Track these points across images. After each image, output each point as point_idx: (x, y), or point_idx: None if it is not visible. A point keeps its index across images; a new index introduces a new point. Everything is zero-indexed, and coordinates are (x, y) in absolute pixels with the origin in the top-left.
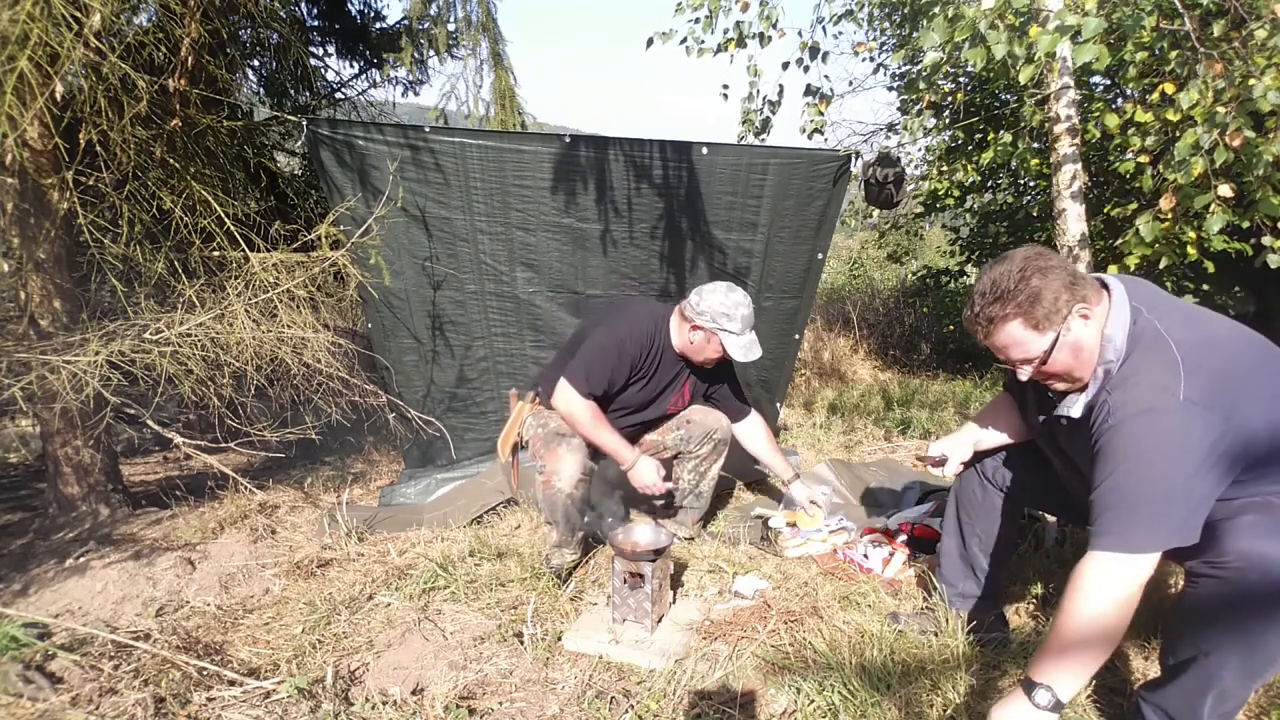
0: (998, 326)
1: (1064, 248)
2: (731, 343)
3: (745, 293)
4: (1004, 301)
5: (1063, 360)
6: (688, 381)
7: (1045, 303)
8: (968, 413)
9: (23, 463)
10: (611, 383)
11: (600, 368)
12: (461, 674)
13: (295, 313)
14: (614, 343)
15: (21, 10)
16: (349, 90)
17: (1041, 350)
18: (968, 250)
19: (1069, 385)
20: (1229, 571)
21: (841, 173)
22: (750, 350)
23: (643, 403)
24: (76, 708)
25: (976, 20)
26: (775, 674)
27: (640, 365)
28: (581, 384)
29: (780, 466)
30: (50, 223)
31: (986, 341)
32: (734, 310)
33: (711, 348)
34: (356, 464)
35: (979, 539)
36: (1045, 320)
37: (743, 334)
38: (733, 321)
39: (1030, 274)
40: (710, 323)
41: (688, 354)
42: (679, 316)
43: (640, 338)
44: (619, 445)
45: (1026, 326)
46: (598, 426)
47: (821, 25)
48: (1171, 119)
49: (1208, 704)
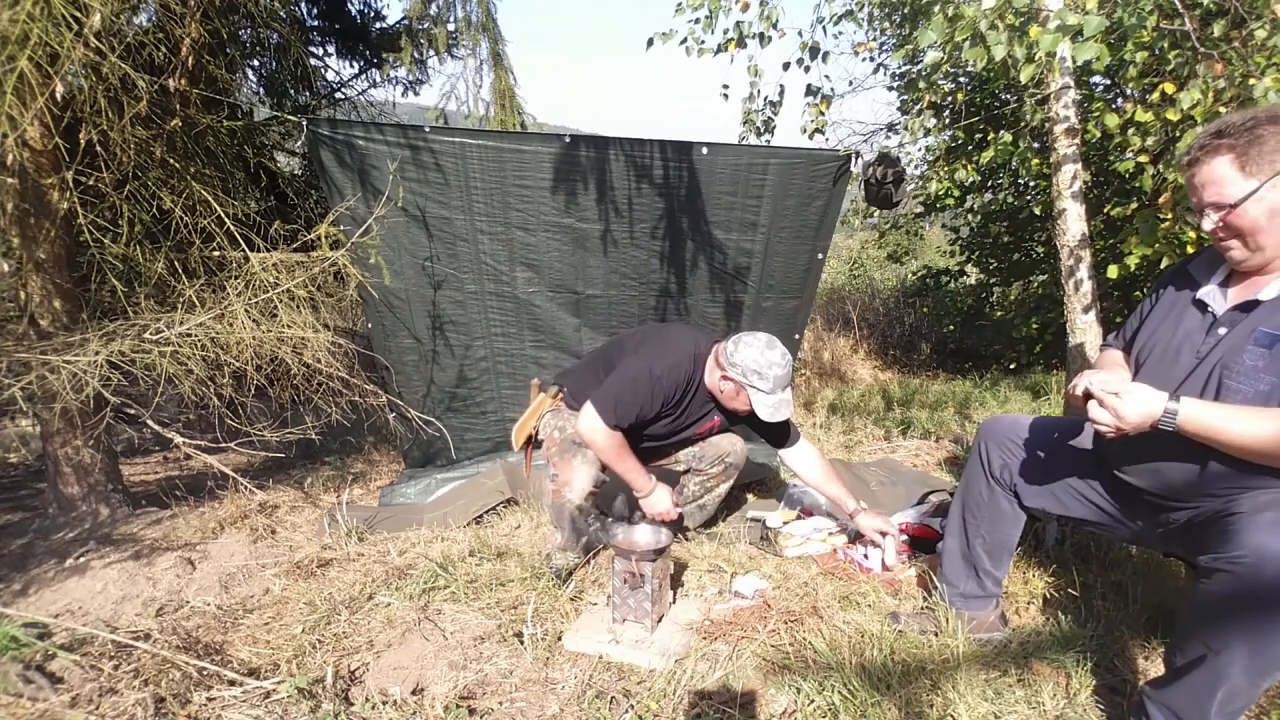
0: (1208, 157)
1: (1064, 248)
2: (760, 401)
3: (785, 351)
4: (1223, 135)
5: (1252, 217)
6: (718, 417)
7: (1264, 146)
8: (968, 413)
9: (23, 463)
10: (640, 415)
11: (630, 402)
12: (461, 674)
13: (295, 313)
14: (649, 378)
15: (21, 10)
16: (349, 90)
17: (1238, 195)
18: (968, 250)
19: (1245, 254)
20: (1243, 567)
21: (841, 173)
22: (779, 411)
23: (669, 434)
24: (76, 708)
25: (976, 20)
26: (775, 674)
27: (671, 402)
28: (610, 415)
29: (841, 496)
30: (50, 223)
31: (1190, 175)
32: (767, 370)
33: (740, 401)
34: (356, 464)
35: (983, 539)
36: (1255, 164)
37: (773, 393)
38: (764, 380)
39: (1262, 121)
40: (740, 376)
41: (718, 399)
42: (714, 359)
43: (676, 376)
44: (637, 475)
45: (1235, 164)
46: (619, 458)
47: (821, 25)
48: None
49: (1215, 703)
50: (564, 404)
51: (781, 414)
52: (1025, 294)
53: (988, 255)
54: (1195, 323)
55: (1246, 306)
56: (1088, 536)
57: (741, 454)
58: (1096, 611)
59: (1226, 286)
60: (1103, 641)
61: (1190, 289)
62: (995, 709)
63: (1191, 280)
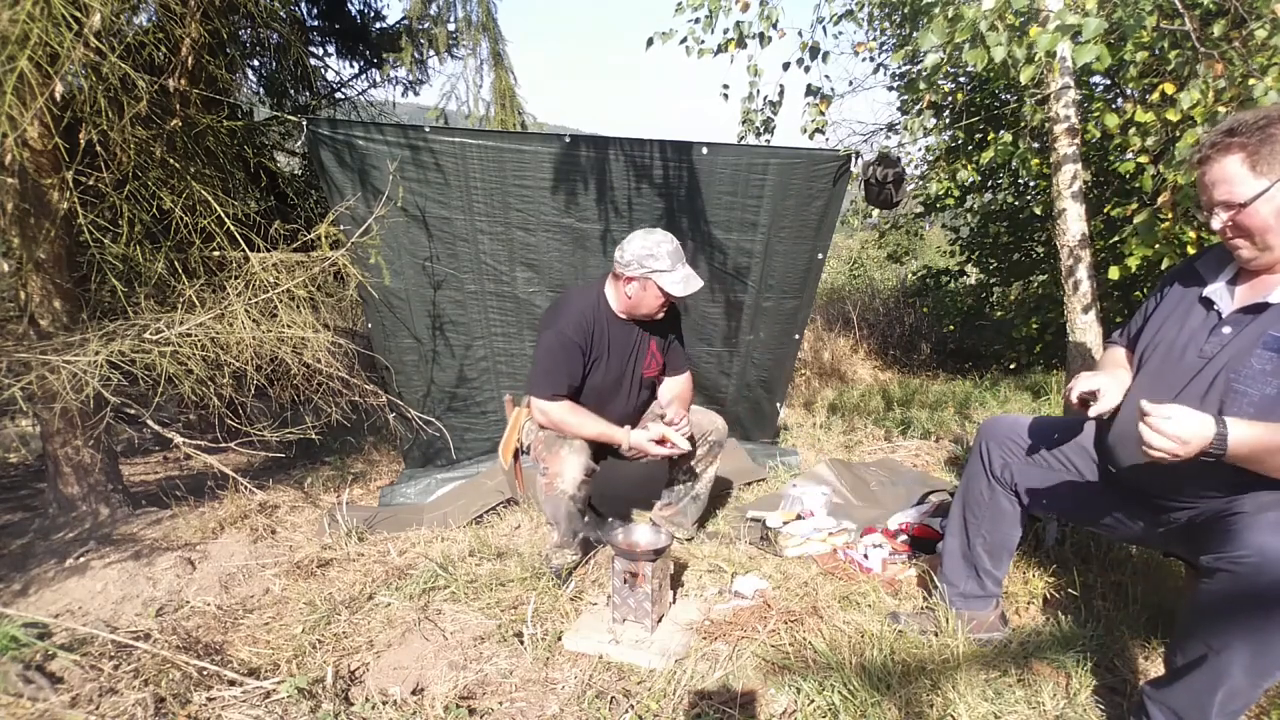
0: (1219, 155)
1: (1064, 248)
2: (665, 280)
3: (666, 232)
4: (1235, 133)
5: (1262, 217)
6: (651, 342)
7: (1276, 145)
8: (968, 413)
9: (23, 463)
10: (571, 375)
11: (552, 368)
12: (461, 674)
13: (295, 313)
14: (555, 340)
15: (21, 10)
16: (349, 90)
17: (1248, 194)
18: (968, 250)
19: (1254, 253)
20: (1246, 567)
21: (841, 173)
22: (689, 283)
23: (615, 380)
24: (76, 708)
25: (976, 21)
26: (775, 674)
27: (589, 348)
28: (544, 390)
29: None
30: (50, 223)
31: (1201, 173)
32: (656, 249)
33: (650, 294)
34: (356, 464)
35: (984, 539)
36: (1266, 163)
37: (674, 270)
38: (659, 260)
39: (1275, 120)
40: (639, 269)
41: (633, 313)
42: (612, 280)
43: (577, 321)
44: (607, 429)
45: (1245, 163)
46: (581, 420)
47: (821, 25)
48: (1171, 119)
49: (1216, 703)
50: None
51: (692, 285)
52: (1025, 294)
53: (988, 255)
54: (1200, 321)
55: (1255, 309)
56: (1088, 536)
57: (723, 430)
58: (1096, 611)
59: (1235, 284)
60: (1103, 641)
61: (1198, 286)
62: (995, 709)
63: (1199, 277)
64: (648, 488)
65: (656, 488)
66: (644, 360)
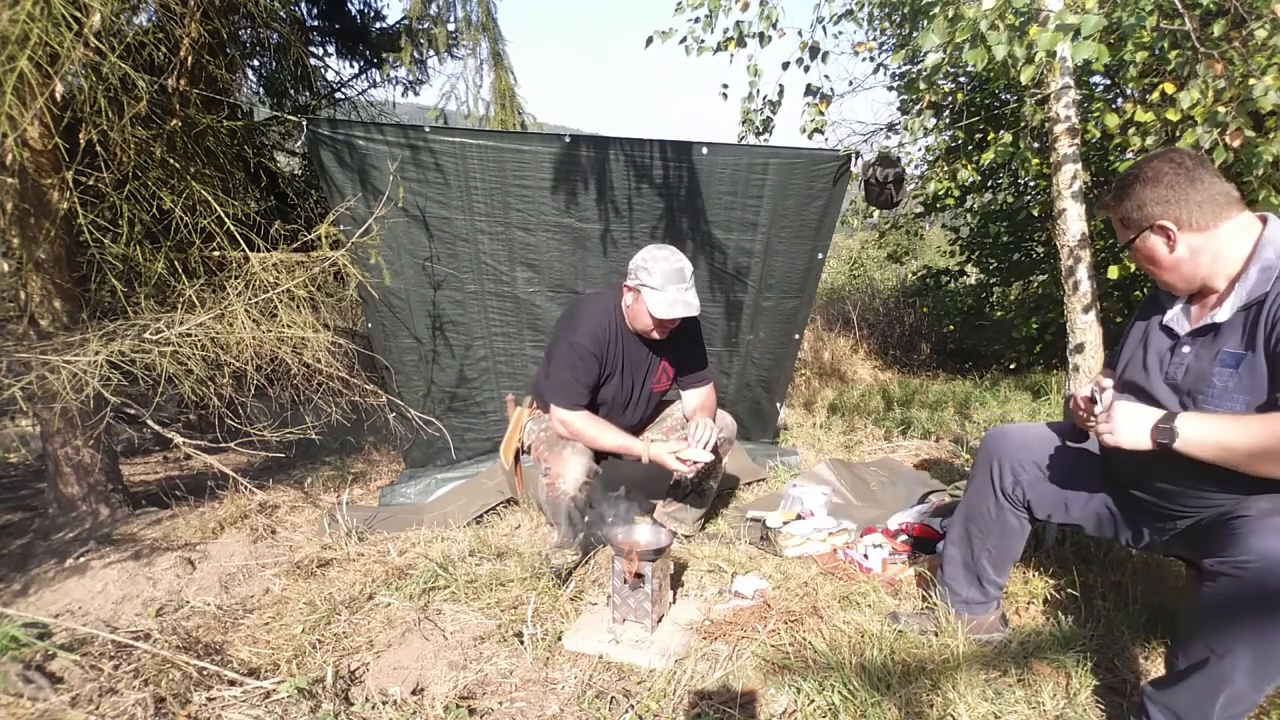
0: (1109, 210)
1: (1064, 248)
2: (652, 299)
3: (678, 253)
4: (1111, 192)
5: (1140, 259)
6: (664, 359)
7: (1129, 203)
8: (968, 413)
9: (23, 463)
10: (589, 385)
11: (572, 379)
12: (461, 674)
13: (295, 313)
14: (573, 351)
15: (21, 10)
16: (349, 90)
17: (1121, 243)
18: (968, 250)
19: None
20: (1249, 571)
21: (841, 173)
22: (675, 308)
23: (624, 395)
24: (76, 708)
25: (977, 21)
26: (775, 674)
27: (605, 359)
28: (565, 400)
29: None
30: (50, 223)
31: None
32: (653, 264)
33: (640, 309)
34: (356, 464)
35: (989, 553)
36: (1128, 218)
37: (664, 289)
38: (651, 275)
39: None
40: (634, 280)
41: (638, 329)
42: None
43: (595, 334)
44: (627, 441)
45: (1115, 218)
46: (601, 431)
47: (821, 25)
48: (1171, 119)
49: (1218, 706)
50: (540, 412)
51: (678, 311)
52: (1025, 294)
53: (988, 255)
54: (1164, 345)
55: (1205, 330)
56: (1088, 537)
57: (733, 428)
58: (1096, 611)
59: (1190, 305)
60: (1103, 641)
61: (1158, 314)
62: (995, 709)
63: (1159, 305)
64: (649, 487)
65: (658, 487)
66: (655, 375)
